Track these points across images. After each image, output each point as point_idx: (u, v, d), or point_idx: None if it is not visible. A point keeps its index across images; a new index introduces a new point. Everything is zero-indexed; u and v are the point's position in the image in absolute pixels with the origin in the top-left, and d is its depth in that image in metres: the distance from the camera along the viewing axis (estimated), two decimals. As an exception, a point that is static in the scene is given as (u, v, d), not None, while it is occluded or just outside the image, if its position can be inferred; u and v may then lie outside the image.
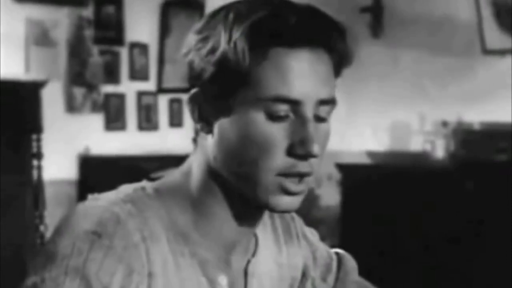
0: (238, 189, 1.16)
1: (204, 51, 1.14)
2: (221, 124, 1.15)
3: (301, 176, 1.14)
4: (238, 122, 1.13)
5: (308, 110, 1.13)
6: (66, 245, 1.08)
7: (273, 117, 1.12)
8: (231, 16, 1.14)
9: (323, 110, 1.15)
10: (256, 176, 1.13)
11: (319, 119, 1.15)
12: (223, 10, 1.16)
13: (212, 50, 1.13)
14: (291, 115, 1.13)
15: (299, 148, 1.12)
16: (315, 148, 1.12)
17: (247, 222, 1.22)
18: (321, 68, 1.14)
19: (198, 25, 1.18)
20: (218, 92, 1.14)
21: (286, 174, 1.13)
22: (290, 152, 1.13)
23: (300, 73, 1.12)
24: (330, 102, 1.16)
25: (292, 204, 1.16)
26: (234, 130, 1.14)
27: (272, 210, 1.17)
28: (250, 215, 1.21)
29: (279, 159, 1.13)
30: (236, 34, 1.12)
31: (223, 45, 1.12)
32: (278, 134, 1.12)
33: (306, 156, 1.13)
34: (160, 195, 1.19)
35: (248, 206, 1.19)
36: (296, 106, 1.13)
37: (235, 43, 1.11)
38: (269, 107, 1.12)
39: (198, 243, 1.19)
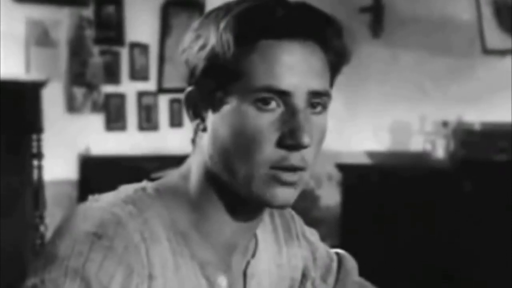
0: (233, 187, 1.16)
1: (196, 48, 1.15)
2: (214, 120, 1.15)
3: (294, 169, 1.13)
4: (229, 116, 1.13)
5: (299, 101, 1.13)
6: (66, 247, 1.08)
7: (263, 109, 1.12)
8: (221, 13, 1.15)
9: (316, 103, 1.15)
10: (249, 170, 1.13)
11: (313, 112, 1.15)
12: (217, 9, 1.17)
13: (203, 46, 1.14)
14: (282, 106, 1.13)
15: (289, 139, 1.12)
16: (305, 139, 1.11)
17: (246, 223, 1.21)
18: (312, 61, 1.14)
19: (194, 25, 1.19)
20: (210, 87, 1.15)
21: (278, 167, 1.13)
22: (281, 143, 1.12)
23: (289, 65, 1.12)
24: (323, 94, 1.15)
25: (288, 197, 1.15)
26: (226, 124, 1.14)
27: (269, 204, 1.16)
28: (249, 215, 1.21)
29: (270, 151, 1.12)
30: (222, 26, 1.13)
31: (212, 40, 1.13)
32: (268, 125, 1.12)
33: (296, 146, 1.12)
34: (160, 196, 1.19)
35: (246, 207, 1.19)
36: (286, 97, 1.12)
37: (221, 35, 1.12)
38: (259, 98, 1.12)
39: (198, 244, 1.19)
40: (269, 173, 1.13)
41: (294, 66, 1.12)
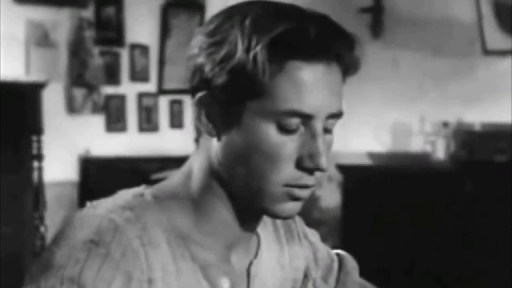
0: (242, 195, 1.16)
1: (217, 56, 1.12)
2: (229, 131, 1.14)
3: (306, 187, 1.15)
4: (248, 132, 1.13)
5: (319, 124, 1.13)
6: (63, 255, 1.07)
7: (285, 130, 1.12)
8: (247, 23, 1.11)
9: (330, 123, 1.16)
10: (263, 186, 1.13)
11: (326, 130, 1.16)
12: (237, 13, 1.14)
13: (227, 57, 1.11)
14: (302, 128, 1.13)
15: (308, 162, 1.13)
16: (324, 162, 1.13)
17: (248, 222, 1.21)
18: (333, 80, 1.14)
19: (209, 26, 1.15)
20: (229, 99, 1.13)
21: (292, 185, 1.14)
22: (299, 165, 1.13)
23: (315, 87, 1.12)
24: (338, 115, 1.16)
25: (294, 210, 1.17)
26: (243, 140, 1.13)
27: (275, 216, 1.18)
28: (252, 215, 1.21)
29: (287, 172, 1.13)
30: (258, 47, 1.09)
31: (239, 54, 1.10)
32: (288, 146, 1.12)
33: (315, 169, 1.13)
34: (159, 201, 1.18)
35: (249, 208, 1.19)
36: (308, 119, 1.12)
37: (255, 55, 1.09)
38: (282, 120, 1.11)
39: (199, 246, 1.18)
40: (283, 190, 1.14)
41: (318, 89, 1.12)
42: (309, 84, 1.11)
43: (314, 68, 1.12)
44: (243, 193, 1.16)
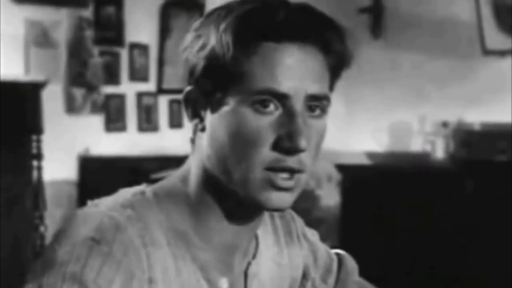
0: (230, 188, 1.16)
1: (196, 47, 1.15)
2: (213, 120, 1.15)
3: (290, 171, 1.13)
4: (227, 117, 1.13)
5: (297, 105, 1.12)
6: (65, 252, 1.07)
7: (261, 111, 1.12)
8: (223, 13, 1.14)
9: (315, 106, 1.15)
10: (245, 172, 1.13)
11: (312, 115, 1.15)
12: (219, 9, 1.17)
13: (203, 46, 1.14)
14: (280, 109, 1.13)
15: (286, 142, 1.12)
16: (302, 142, 1.11)
17: (246, 223, 1.21)
18: (312, 65, 1.14)
19: (196, 24, 1.18)
20: (210, 87, 1.15)
21: (274, 169, 1.12)
22: (277, 146, 1.12)
23: (289, 68, 1.12)
24: (322, 98, 1.15)
25: (282, 201, 1.14)
26: (224, 125, 1.14)
27: (264, 207, 1.16)
28: (249, 216, 1.21)
29: (266, 153, 1.12)
30: (222, 27, 1.12)
31: (212, 40, 1.13)
32: (265, 127, 1.12)
33: (293, 150, 1.12)
34: (159, 200, 1.18)
35: (245, 208, 1.18)
36: (285, 100, 1.12)
37: (221, 36, 1.12)
38: (257, 100, 1.12)
39: (198, 247, 1.18)
40: (264, 175, 1.13)
41: (293, 69, 1.12)
42: (283, 64, 1.12)
43: (287, 49, 1.12)
44: (230, 185, 1.15)
